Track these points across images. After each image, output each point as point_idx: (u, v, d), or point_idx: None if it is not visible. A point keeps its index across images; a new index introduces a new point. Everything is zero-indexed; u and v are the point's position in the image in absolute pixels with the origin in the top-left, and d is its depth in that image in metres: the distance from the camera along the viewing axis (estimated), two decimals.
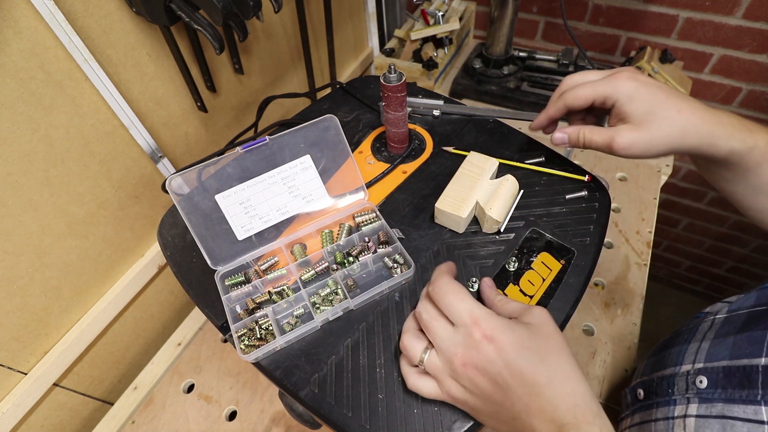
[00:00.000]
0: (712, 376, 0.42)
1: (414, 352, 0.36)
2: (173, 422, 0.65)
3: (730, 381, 0.40)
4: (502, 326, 0.34)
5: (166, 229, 0.52)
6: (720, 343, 0.44)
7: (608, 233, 0.79)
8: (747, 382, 0.38)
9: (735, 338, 0.42)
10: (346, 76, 1.09)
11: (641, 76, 0.43)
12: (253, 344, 0.41)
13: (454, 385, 0.35)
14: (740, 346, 0.41)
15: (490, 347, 0.33)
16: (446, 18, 1.08)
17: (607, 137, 0.43)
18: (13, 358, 0.56)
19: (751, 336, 0.40)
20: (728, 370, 0.41)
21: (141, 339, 0.77)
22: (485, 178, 0.49)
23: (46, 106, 0.50)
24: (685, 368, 0.46)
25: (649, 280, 0.76)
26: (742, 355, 0.40)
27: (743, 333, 0.42)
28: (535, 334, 0.34)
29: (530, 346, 0.33)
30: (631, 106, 0.42)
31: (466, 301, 0.35)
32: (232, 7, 0.53)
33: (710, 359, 0.44)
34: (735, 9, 0.97)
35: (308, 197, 0.49)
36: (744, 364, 0.39)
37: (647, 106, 0.41)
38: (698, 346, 0.46)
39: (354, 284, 0.45)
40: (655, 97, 0.42)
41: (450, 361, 0.34)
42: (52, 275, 0.58)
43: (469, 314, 0.34)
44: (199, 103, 0.69)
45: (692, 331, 0.50)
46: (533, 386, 0.32)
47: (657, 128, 0.41)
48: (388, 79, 0.48)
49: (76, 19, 0.50)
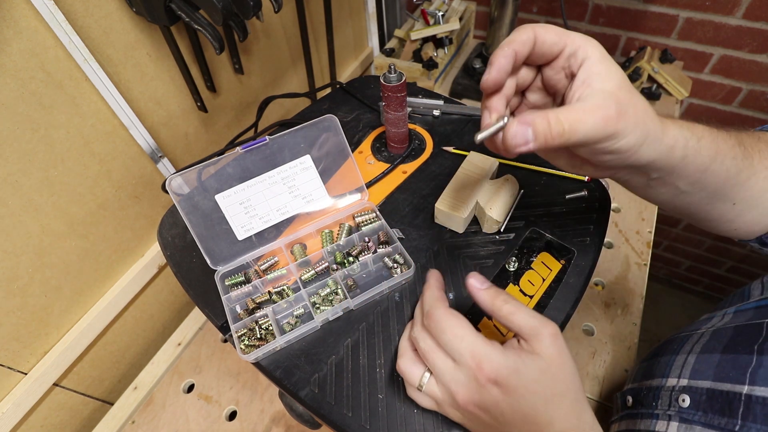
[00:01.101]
0: (695, 396, 0.41)
1: (413, 377, 0.35)
2: (173, 422, 0.65)
3: (711, 405, 0.39)
4: (508, 369, 0.31)
5: (166, 229, 0.52)
6: (706, 359, 0.43)
7: (608, 233, 0.79)
8: (728, 410, 0.38)
9: (721, 357, 0.42)
10: (346, 76, 1.09)
11: None
12: (253, 344, 0.41)
13: (454, 413, 0.34)
14: (725, 368, 0.40)
15: (495, 390, 0.31)
16: (446, 18, 1.08)
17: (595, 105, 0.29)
18: (13, 358, 0.56)
19: (736, 359, 0.40)
20: (711, 393, 0.40)
21: (141, 339, 0.77)
22: (485, 178, 0.49)
23: (46, 106, 0.50)
24: (671, 382, 0.46)
25: (649, 280, 0.76)
26: (725, 379, 0.40)
27: (729, 353, 0.41)
28: (544, 373, 0.31)
29: (537, 390, 0.31)
30: (606, 65, 0.30)
31: (467, 339, 0.32)
32: (232, 7, 0.53)
33: (695, 376, 0.43)
34: (735, 9, 0.97)
35: (308, 197, 0.49)
36: (727, 390, 0.39)
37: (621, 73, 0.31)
38: (685, 359, 0.46)
39: (354, 284, 0.45)
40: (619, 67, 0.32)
41: (451, 396, 0.33)
42: (52, 275, 0.58)
43: (471, 355, 0.32)
44: (199, 103, 0.69)
45: (683, 340, 0.49)
46: (533, 424, 0.31)
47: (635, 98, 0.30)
48: (388, 79, 0.48)
49: (76, 19, 0.50)
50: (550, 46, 0.32)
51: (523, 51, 0.32)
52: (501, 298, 0.34)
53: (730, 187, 0.38)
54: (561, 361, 0.32)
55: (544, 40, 0.31)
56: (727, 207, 0.40)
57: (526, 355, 0.32)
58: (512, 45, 0.31)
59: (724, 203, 0.39)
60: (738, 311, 0.47)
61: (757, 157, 0.38)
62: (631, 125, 0.29)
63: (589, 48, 0.31)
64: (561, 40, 0.31)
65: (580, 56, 0.31)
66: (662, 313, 1.84)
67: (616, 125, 0.29)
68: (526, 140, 0.29)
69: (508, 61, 0.31)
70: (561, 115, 0.29)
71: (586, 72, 0.31)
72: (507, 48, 0.31)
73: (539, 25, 0.32)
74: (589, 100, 0.29)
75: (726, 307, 0.50)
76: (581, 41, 0.31)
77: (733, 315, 0.47)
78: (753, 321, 0.43)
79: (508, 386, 0.31)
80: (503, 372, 0.31)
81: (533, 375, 0.31)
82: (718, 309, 0.51)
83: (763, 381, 0.36)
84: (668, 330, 1.71)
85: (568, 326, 0.58)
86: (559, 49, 0.32)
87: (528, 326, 0.32)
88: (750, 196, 0.38)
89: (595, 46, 0.31)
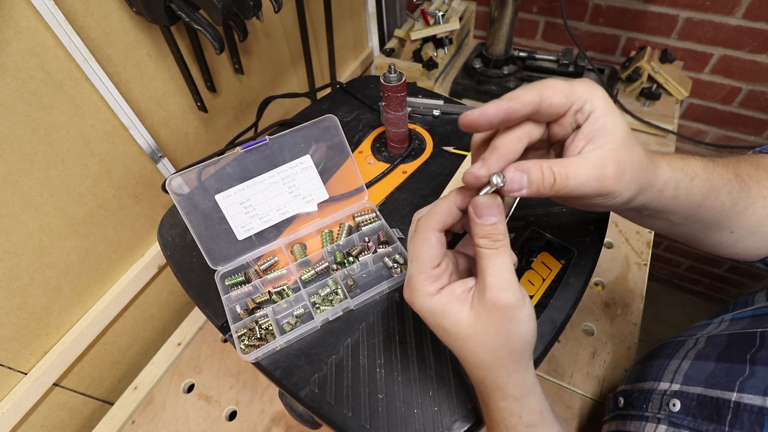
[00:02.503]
0: (686, 401, 0.42)
1: None
2: (173, 422, 0.65)
3: (701, 411, 0.40)
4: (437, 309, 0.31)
5: (166, 229, 0.52)
6: (700, 366, 0.43)
7: (608, 233, 0.79)
8: (717, 416, 0.38)
9: (716, 366, 0.42)
10: (346, 76, 1.09)
11: None
12: (253, 344, 0.41)
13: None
14: (717, 376, 0.40)
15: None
16: (446, 18, 1.08)
17: (592, 164, 0.29)
18: (13, 358, 0.56)
19: (730, 368, 0.40)
20: (702, 399, 0.40)
21: (141, 339, 0.77)
22: None
23: (46, 106, 0.50)
24: (662, 386, 0.46)
25: (649, 280, 0.76)
26: (716, 386, 0.40)
27: (723, 362, 0.41)
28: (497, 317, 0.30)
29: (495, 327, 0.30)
30: (612, 118, 0.30)
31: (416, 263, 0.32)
32: (232, 7, 0.53)
33: (687, 382, 0.43)
34: (735, 9, 0.97)
35: (308, 197, 0.49)
36: (717, 396, 0.39)
37: (624, 124, 0.31)
38: (678, 365, 0.46)
39: (354, 284, 0.45)
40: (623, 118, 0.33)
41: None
42: (52, 275, 0.58)
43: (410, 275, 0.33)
44: (199, 103, 0.69)
45: (677, 345, 0.49)
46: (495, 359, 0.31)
47: (636, 154, 0.31)
48: (388, 79, 0.48)
49: (76, 19, 0.50)
50: (557, 108, 0.31)
51: (522, 111, 0.30)
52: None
53: (726, 219, 0.38)
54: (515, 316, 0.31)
55: (551, 102, 0.30)
56: (724, 235, 0.40)
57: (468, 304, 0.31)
58: (511, 102, 0.30)
59: (721, 232, 0.39)
60: (735, 319, 0.47)
61: (755, 187, 0.38)
62: (626, 184, 0.30)
63: (595, 100, 0.30)
64: (568, 100, 0.31)
65: (587, 110, 0.31)
66: (662, 313, 1.84)
67: (612, 186, 0.29)
68: (520, 186, 0.30)
69: (497, 114, 0.30)
70: (555, 168, 0.29)
71: (590, 126, 0.30)
72: (504, 102, 0.30)
73: (546, 86, 0.31)
74: (589, 158, 0.29)
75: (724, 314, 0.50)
76: (587, 93, 0.31)
77: (729, 322, 0.47)
78: (747, 330, 0.43)
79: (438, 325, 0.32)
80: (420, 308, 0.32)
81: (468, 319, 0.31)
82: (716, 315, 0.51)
83: (753, 389, 0.36)
84: (668, 330, 1.71)
85: (568, 326, 0.58)
86: (566, 109, 0.31)
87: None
88: (748, 224, 0.38)
89: (600, 97, 0.31)
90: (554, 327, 0.41)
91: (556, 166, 0.29)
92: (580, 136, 0.31)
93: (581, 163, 0.29)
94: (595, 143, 0.30)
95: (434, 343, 0.40)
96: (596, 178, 0.29)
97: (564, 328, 0.42)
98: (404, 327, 0.42)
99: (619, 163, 0.29)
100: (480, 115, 0.30)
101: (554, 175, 0.29)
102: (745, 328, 0.43)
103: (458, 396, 0.38)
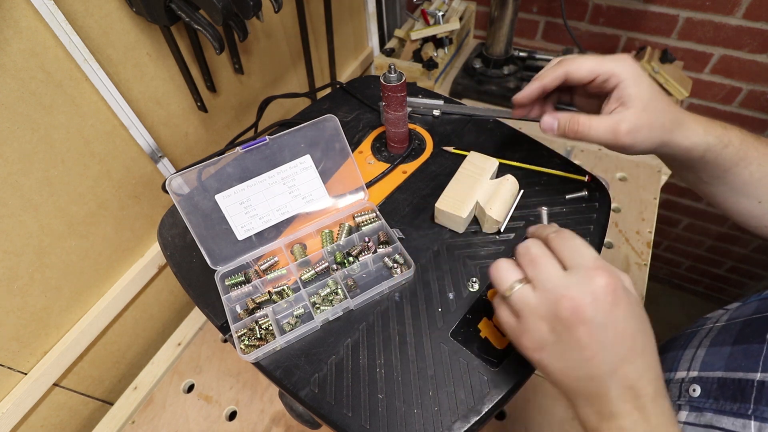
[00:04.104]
0: (706, 385, 0.42)
1: (504, 281, 0.33)
2: (173, 422, 0.65)
3: (723, 392, 0.40)
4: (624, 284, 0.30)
5: (166, 229, 0.52)
6: (716, 352, 0.44)
7: (608, 233, 0.79)
8: (740, 396, 0.38)
9: (732, 349, 0.42)
10: (346, 76, 1.09)
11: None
12: (253, 344, 0.41)
13: (539, 328, 0.31)
14: (736, 358, 0.41)
15: (608, 298, 0.29)
16: (446, 18, 1.08)
17: (612, 122, 0.38)
18: (13, 358, 0.56)
19: (748, 349, 0.41)
20: (723, 381, 0.41)
21: (141, 339, 0.77)
22: (485, 178, 0.49)
23: (46, 106, 0.50)
24: (680, 375, 0.46)
25: (649, 280, 0.76)
26: (737, 368, 0.40)
27: (740, 344, 0.42)
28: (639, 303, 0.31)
29: (640, 313, 0.31)
30: (637, 88, 0.38)
31: (593, 249, 0.32)
32: (232, 7, 0.53)
33: (705, 368, 0.44)
34: (735, 9, 0.97)
35: (308, 197, 0.49)
36: (739, 377, 0.39)
37: (649, 92, 0.38)
38: (694, 353, 0.46)
39: (354, 284, 0.45)
40: (653, 86, 0.40)
41: (554, 302, 0.30)
42: (52, 275, 0.58)
43: (594, 260, 0.30)
44: (199, 102, 0.69)
45: (689, 337, 0.50)
46: (631, 350, 0.29)
47: (656, 116, 0.38)
48: (388, 79, 0.48)
49: (76, 19, 0.50)
50: (581, 79, 0.40)
51: (552, 85, 0.42)
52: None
53: (754, 188, 0.42)
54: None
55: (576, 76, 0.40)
56: (752, 204, 0.43)
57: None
58: (543, 81, 0.42)
59: (749, 199, 0.43)
60: (742, 305, 0.48)
61: None
62: (640, 140, 0.38)
63: (623, 73, 0.39)
64: (592, 73, 0.40)
65: (613, 81, 0.39)
66: (662, 313, 1.84)
67: (624, 140, 0.38)
68: (552, 127, 0.42)
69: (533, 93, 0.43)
70: (582, 119, 0.39)
71: (618, 92, 0.39)
72: (536, 83, 0.43)
73: (573, 60, 0.40)
74: (612, 117, 0.38)
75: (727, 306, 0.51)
76: (613, 67, 0.39)
77: (736, 309, 0.48)
78: (760, 313, 0.44)
79: (621, 298, 0.29)
80: (620, 283, 0.30)
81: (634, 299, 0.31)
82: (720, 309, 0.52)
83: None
84: (668, 330, 1.71)
85: None
86: (591, 79, 0.40)
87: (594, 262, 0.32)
88: None
89: (628, 70, 0.39)
90: None
91: (582, 117, 0.39)
92: (612, 100, 0.40)
93: (603, 120, 0.39)
94: (624, 106, 0.39)
95: (434, 343, 0.40)
96: (611, 132, 0.38)
97: None
98: (404, 327, 0.42)
99: (635, 123, 0.38)
100: (523, 96, 0.44)
101: (578, 125, 0.39)
102: (756, 312, 0.44)
103: (458, 396, 0.38)
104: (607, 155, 0.95)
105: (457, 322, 0.42)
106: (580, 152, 0.96)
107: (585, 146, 0.98)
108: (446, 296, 0.43)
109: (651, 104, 0.38)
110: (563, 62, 0.41)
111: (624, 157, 0.95)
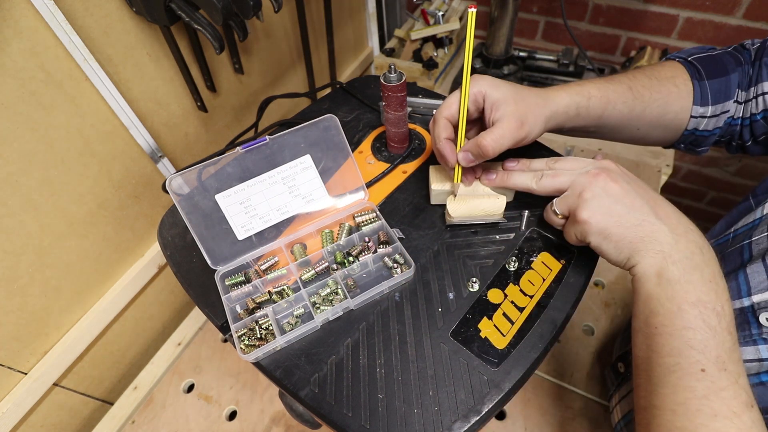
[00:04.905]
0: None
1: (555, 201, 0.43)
2: (173, 422, 0.65)
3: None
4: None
5: (166, 229, 0.52)
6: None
7: None
8: (746, 325, 0.39)
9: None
10: (346, 76, 1.09)
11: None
12: (253, 344, 0.41)
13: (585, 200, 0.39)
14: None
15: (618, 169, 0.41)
16: (446, 18, 1.08)
17: (509, 123, 0.42)
18: (13, 358, 0.56)
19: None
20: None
21: (141, 339, 0.77)
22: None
23: (46, 106, 0.50)
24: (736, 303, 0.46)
25: None
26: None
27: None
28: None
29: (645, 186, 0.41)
30: (499, 91, 0.43)
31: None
32: (232, 7, 0.53)
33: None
34: (735, 9, 0.97)
35: (308, 197, 0.49)
36: (736, 307, 0.40)
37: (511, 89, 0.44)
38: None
39: (354, 284, 0.45)
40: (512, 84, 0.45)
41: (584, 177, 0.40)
42: (52, 275, 0.58)
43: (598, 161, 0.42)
44: (199, 103, 0.69)
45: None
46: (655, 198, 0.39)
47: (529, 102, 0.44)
48: (388, 78, 0.48)
49: (76, 19, 0.50)
50: (472, 114, 0.46)
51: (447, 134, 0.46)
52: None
53: (628, 120, 0.50)
54: None
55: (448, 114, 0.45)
56: (633, 131, 0.52)
57: None
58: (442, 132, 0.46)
59: (630, 130, 0.52)
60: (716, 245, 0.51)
61: (647, 93, 0.49)
62: (531, 125, 0.43)
63: (482, 85, 0.44)
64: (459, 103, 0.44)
65: (479, 96, 0.44)
66: None
67: (522, 131, 0.43)
68: (468, 160, 0.44)
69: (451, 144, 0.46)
70: (485, 138, 0.42)
71: (489, 103, 0.44)
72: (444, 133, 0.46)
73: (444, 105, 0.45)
74: (503, 120, 0.42)
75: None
76: (475, 86, 0.44)
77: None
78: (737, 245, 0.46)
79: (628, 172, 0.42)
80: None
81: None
82: None
83: None
84: None
85: (569, 326, 0.58)
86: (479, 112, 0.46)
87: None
88: (648, 121, 0.51)
89: (483, 79, 0.44)
90: (554, 327, 0.41)
91: (486, 136, 0.42)
92: (487, 112, 0.45)
93: (501, 126, 0.42)
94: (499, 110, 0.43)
95: (434, 343, 0.40)
96: (515, 129, 0.42)
97: (564, 328, 0.42)
98: (404, 327, 0.42)
99: (520, 115, 0.43)
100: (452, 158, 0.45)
101: (487, 140, 0.41)
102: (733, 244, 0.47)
103: (458, 396, 0.38)
104: (607, 155, 0.95)
105: (457, 322, 0.42)
106: (580, 152, 0.96)
107: (585, 146, 0.98)
108: (446, 296, 0.43)
109: (518, 96, 0.44)
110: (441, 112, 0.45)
111: (624, 157, 0.95)
